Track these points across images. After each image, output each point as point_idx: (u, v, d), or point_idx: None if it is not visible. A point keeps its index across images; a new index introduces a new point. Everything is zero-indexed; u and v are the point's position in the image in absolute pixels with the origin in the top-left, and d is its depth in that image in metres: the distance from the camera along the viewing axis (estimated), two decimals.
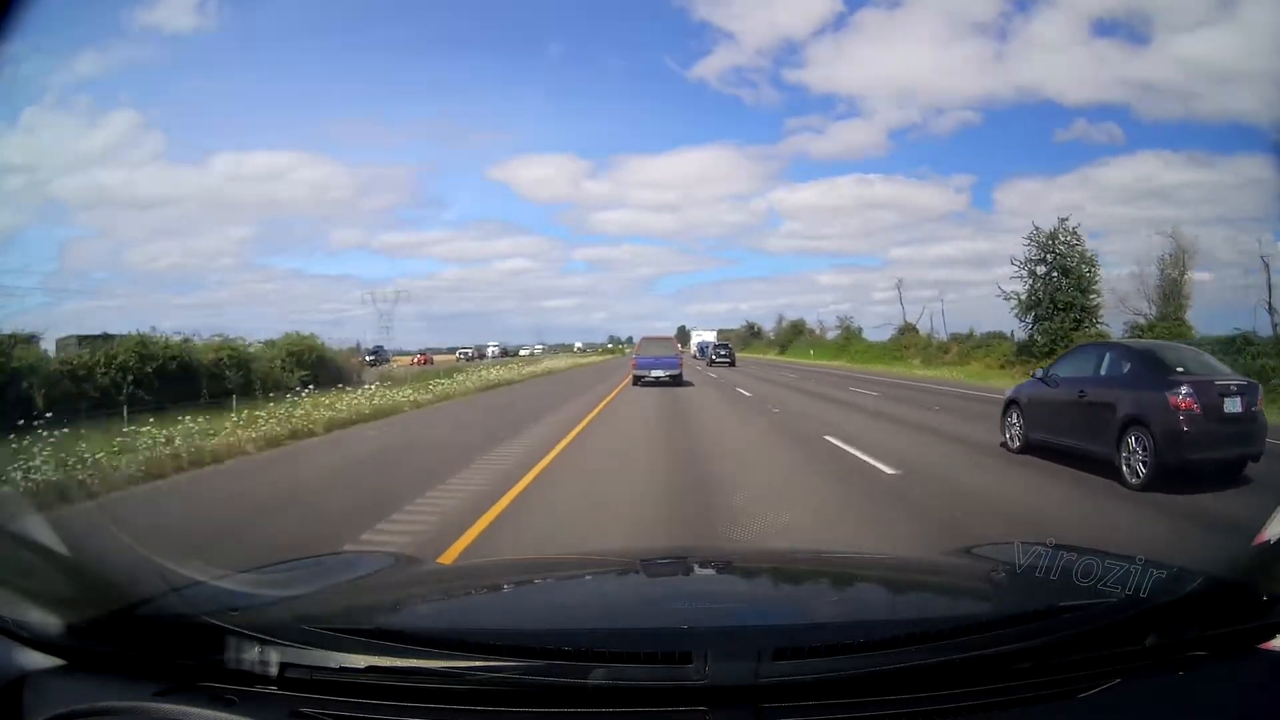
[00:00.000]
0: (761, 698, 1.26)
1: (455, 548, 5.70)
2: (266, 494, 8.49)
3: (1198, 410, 7.48)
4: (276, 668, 1.31)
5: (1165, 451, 7.46)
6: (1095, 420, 8.40)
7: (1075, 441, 8.85)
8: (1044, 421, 9.56)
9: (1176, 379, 7.78)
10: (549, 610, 1.91)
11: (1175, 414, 7.49)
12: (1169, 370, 8.06)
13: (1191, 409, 7.47)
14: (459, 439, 12.65)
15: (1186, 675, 1.37)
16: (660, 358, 25.89)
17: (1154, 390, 7.77)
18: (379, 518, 6.66)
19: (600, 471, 9.25)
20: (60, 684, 1.37)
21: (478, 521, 6.52)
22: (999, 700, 1.30)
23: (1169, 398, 7.56)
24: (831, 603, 2.00)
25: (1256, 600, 1.45)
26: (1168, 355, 8.73)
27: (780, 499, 7.44)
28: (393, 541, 5.75)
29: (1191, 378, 7.83)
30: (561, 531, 6.41)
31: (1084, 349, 10.50)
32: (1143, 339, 23.10)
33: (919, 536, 5.99)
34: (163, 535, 6.22)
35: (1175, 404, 7.51)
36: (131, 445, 9.98)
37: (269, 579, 1.97)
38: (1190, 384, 7.63)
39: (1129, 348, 9.36)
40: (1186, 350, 9.50)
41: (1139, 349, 9.19)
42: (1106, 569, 1.59)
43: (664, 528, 6.37)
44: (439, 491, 7.92)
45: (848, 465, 9.55)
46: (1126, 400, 8.01)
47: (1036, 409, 9.75)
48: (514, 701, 1.28)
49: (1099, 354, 9.26)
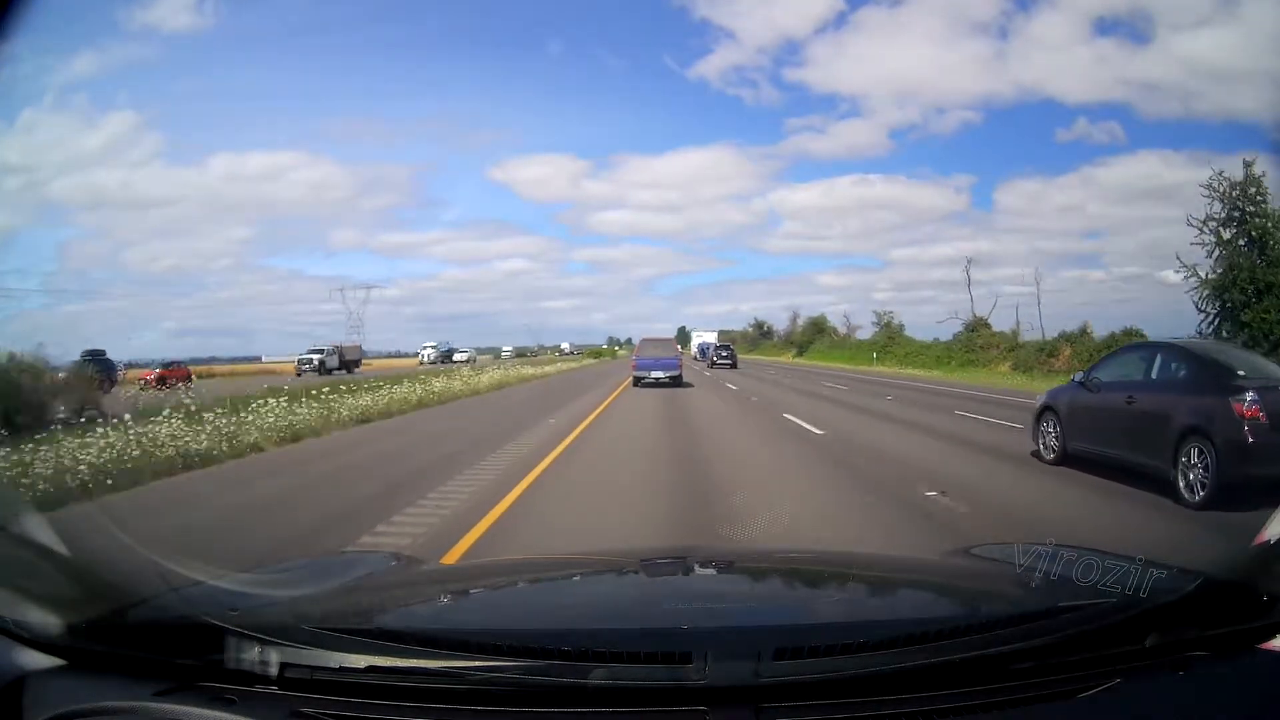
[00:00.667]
0: (761, 698, 1.26)
1: None
2: None
3: (1264, 420, 6.68)
4: (276, 668, 1.31)
5: (1228, 466, 6.65)
6: (1147, 430, 7.60)
7: (1123, 453, 8.04)
8: (1086, 430, 8.77)
9: (1240, 384, 7.00)
10: (549, 610, 1.90)
11: (1240, 424, 6.71)
12: (1231, 374, 7.30)
13: (1258, 418, 6.69)
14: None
15: (1186, 675, 1.37)
16: (660, 359, 25.92)
17: (1215, 397, 6.98)
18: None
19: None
20: (60, 684, 1.37)
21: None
22: (999, 700, 1.30)
23: (1233, 405, 6.77)
24: (832, 602, 2.00)
25: (1256, 600, 1.45)
26: (1227, 358, 7.95)
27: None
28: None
29: (1256, 383, 7.02)
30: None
31: (1130, 350, 9.60)
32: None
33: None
34: None
35: (1240, 412, 6.73)
36: None
37: (269, 579, 1.98)
38: (1256, 390, 6.83)
39: (1184, 349, 8.39)
40: (1237, 351, 8.77)
41: (1196, 350, 8.32)
42: (1106, 569, 1.59)
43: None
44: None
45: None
46: (1183, 408, 7.21)
47: (1077, 416, 8.92)
48: (514, 701, 1.28)
49: (1149, 356, 8.40)
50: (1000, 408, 17.33)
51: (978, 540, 3.65)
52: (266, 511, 7.43)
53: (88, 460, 8.41)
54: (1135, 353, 9.13)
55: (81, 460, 8.36)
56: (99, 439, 9.11)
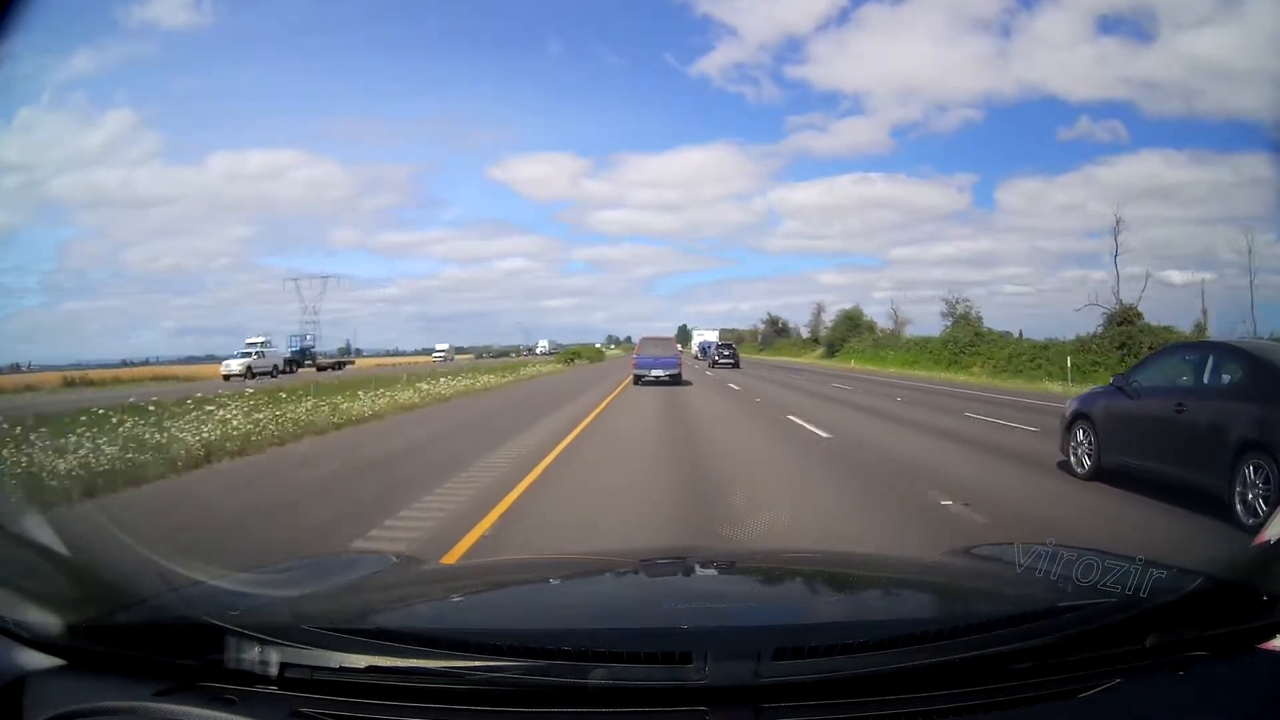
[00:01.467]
0: (761, 698, 1.26)
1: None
2: None
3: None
4: (276, 668, 1.31)
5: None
6: (1199, 442, 6.68)
7: (1169, 468, 7.07)
8: (1124, 441, 7.76)
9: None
10: (549, 610, 1.90)
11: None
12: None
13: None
14: None
15: (1186, 675, 1.37)
16: (660, 358, 26.42)
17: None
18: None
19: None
20: (60, 684, 1.37)
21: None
22: (999, 700, 1.30)
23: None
24: (832, 602, 2.00)
25: (1256, 600, 1.45)
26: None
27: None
28: None
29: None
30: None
31: (1177, 350, 8.64)
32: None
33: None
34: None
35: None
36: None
37: (269, 579, 1.98)
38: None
39: (1241, 350, 7.26)
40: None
41: (1256, 352, 7.09)
42: (1106, 569, 1.59)
43: None
44: None
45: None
46: (1242, 418, 6.28)
47: (1114, 425, 7.90)
48: (514, 702, 1.28)
49: (1200, 356, 7.41)
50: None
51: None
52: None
53: None
54: (1181, 354, 8.15)
55: None
56: None
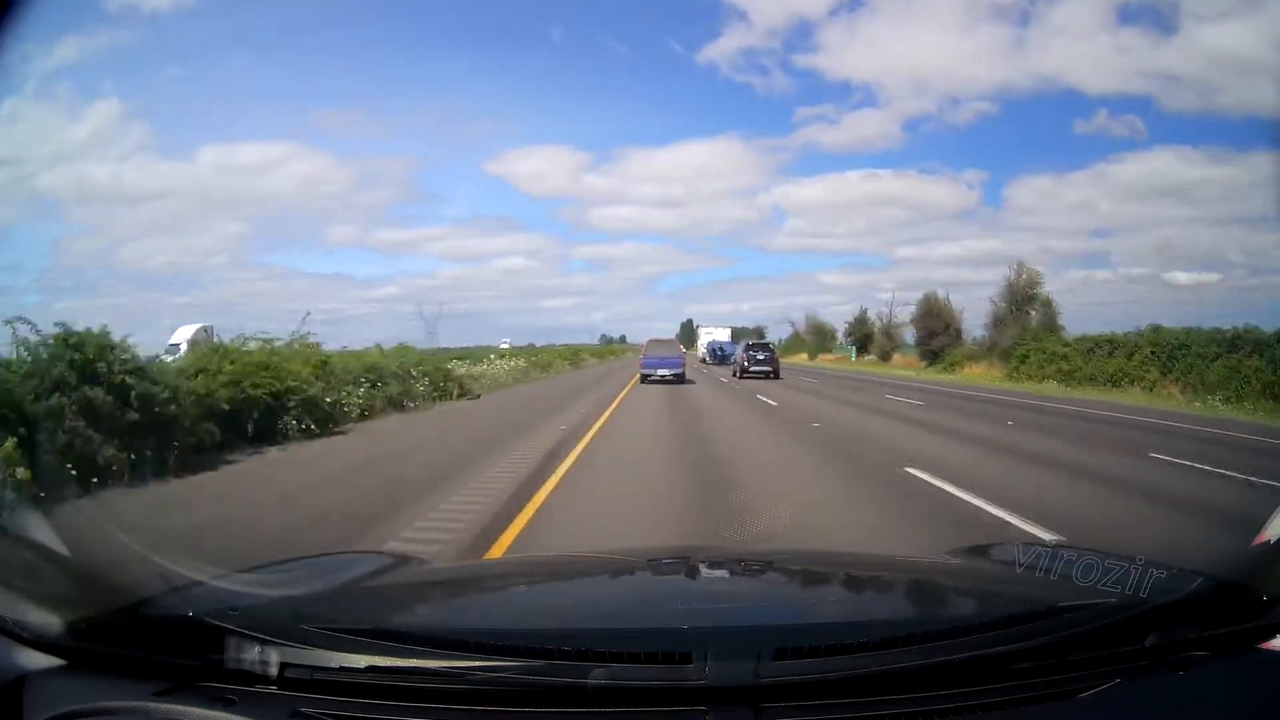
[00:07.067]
0: (761, 698, 1.26)
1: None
2: None
3: None
4: (276, 668, 1.31)
5: None
6: None
7: None
8: None
9: None
10: (549, 610, 1.90)
11: None
12: None
13: None
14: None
15: (1186, 675, 1.37)
16: (665, 358, 28.60)
17: None
18: None
19: None
20: (60, 684, 1.37)
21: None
22: (999, 700, 1.30)
23: None
24: (831, 603, 2.00)
25: (1256, 600, 1.45)
26: None
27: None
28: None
29: None
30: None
31: None
32: None
33: None
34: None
35: None
36: None
37: (269, 579, 1.98)
38: None
39: None
40: None
41: None
42: (1106, 569, 1.59)
43: None
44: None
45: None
46: None
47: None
48: (514, 701, 1.28)
49: None
50: None
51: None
52: None
53: None
54: None
55: None
56: None
